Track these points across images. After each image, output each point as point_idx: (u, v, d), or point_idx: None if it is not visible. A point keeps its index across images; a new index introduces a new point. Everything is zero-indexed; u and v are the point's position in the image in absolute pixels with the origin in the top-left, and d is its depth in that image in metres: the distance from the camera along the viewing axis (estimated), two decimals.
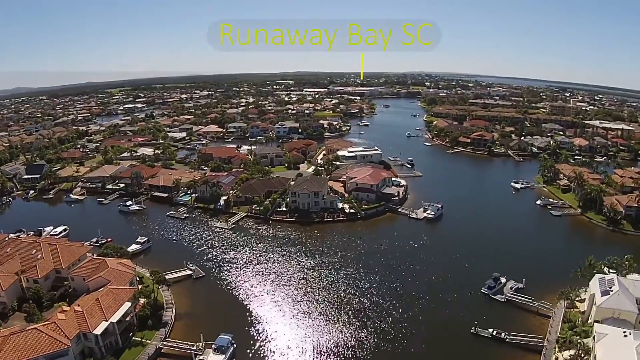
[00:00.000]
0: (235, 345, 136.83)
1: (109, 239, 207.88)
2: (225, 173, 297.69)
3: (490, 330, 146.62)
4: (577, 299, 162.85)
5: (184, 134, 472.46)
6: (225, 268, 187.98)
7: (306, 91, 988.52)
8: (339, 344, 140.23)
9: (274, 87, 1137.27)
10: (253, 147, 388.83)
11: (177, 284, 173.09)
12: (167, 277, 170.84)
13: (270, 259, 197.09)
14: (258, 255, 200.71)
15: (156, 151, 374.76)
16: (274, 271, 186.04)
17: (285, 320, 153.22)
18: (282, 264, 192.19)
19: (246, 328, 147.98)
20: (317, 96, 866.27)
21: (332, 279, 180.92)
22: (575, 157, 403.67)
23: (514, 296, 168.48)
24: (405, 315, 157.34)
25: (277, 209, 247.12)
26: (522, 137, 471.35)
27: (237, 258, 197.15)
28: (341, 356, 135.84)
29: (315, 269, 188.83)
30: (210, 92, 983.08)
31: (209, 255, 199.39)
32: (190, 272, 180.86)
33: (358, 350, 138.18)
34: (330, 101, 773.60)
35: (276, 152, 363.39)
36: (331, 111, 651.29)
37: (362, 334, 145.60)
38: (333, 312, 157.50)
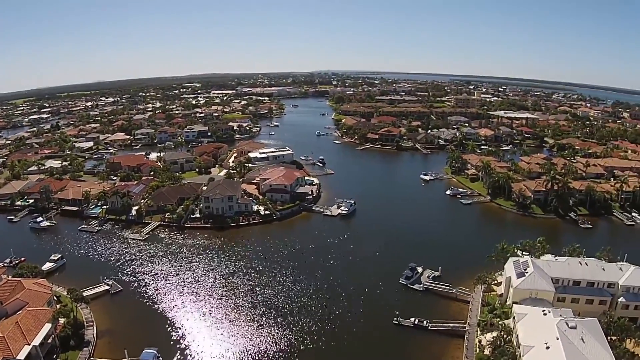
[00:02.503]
0: (160, 358, 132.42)
1: (22, 259, 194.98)
2: (135, 182, 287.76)
3: (412, 319, 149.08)
4: (493, 282, 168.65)
5: (91, 144, 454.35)
6: (143, 281, 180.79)
7: (214, 93, 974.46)
8: (267, 348, 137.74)
9: (181, 90, 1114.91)
10: (162, 153, 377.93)
11: (95, 300, 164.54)
12: (85, 294, 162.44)
13: (189, 268, 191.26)
14: (176, 264, 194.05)
15: (64, 163, 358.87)
16: (194, 280, 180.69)
17: (210, 329, 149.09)
18: (201, 272, 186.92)
19: (171, 340, 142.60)
20: (225, 98, 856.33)
21: (254, 282, 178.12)
22: (482, 147, 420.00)
23: (432, 284, 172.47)
24: (329, 311, 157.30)
25: (191, 215, 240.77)
26: (429, 131, 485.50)
27: (154, 269, 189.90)
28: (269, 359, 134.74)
29: (236, 274, 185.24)
30: (116, 99, 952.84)
31: (125, 269, 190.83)
32: (107, 287, 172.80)
33: (285, 351, 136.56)
34: (239, 103, 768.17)
35: (186, 157, 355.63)
36: (240, 113, 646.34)
37: (288, 334, 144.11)
38: (258, 316, 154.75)
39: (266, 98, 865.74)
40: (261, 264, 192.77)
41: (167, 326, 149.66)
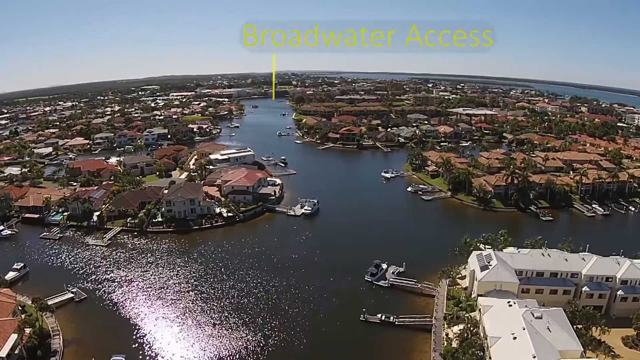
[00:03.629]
0: None
1: None
2: (96, 187, 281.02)
3: (379, 315, 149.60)
4: (458, 276, 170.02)
5: (50, 149, 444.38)
6: (108, 287, 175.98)
7: (173, 95, 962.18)
8: (237, 350, 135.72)
9: (140, 93, 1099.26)
10: (122, 157, 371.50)
11: (60, 309, 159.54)
12: (49, 302, 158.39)
13: (153, 273, 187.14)
14: (140, 270, 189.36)
15: (23, 170, 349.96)
16: (160, 285, 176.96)
17: (178, 334, 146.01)
18: (166, 277, 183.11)
19: (139, 347, 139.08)
20: (184, 100, 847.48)
21: (221, 285, 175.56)
22: (442, 143, 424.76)
23: (397, 280, 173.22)
24: (297, 310, 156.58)
25: (153, 219, 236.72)
26: (389, 129, 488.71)
27: (119, 275, 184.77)
28: None
29: (202, 277, 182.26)
30: (74, 103, 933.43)
31: (89, 276, 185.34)
32: (71, 295, 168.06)
33: (255, 352, 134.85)
34: (198, 104, 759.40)
35: (146, 160, 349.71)
36: (200, 114, 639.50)
37: (258, 336, 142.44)
38: (227, 319, 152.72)
39: (226, 99, 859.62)
40: (227, 267, 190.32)
41: (134, 332, 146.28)
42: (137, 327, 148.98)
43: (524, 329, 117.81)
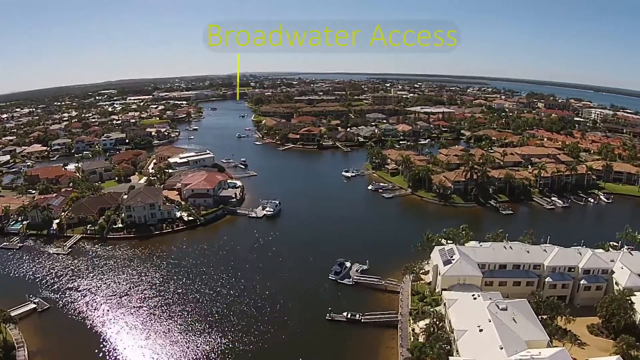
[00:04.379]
0: None
1: None
2: (55, 194, 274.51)
3: (345, 313, 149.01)
4: (421, 271, 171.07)
5: (7, 157, 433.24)
6: (71, 296, 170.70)
7: (130, 99, 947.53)
8: (204, 355, 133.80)
9: (97, 98, 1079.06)
10: (80, 163, 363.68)
11: (23, 320, 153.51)
12: (12, 314, 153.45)
13: (116, 280, 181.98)
14: (103, 277, 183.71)
15: None
16: (124, 292, 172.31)
17: (145, 342, 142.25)
18: (130, 284, 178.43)
19: (105, 355, 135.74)
20: (142, 104, 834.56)
21: (185, 290, 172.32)
22: (401, 142, 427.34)
23: (361, 278, 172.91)
24: (262, 312, 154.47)
25: (113, 226, 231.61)
26: (348, 129, 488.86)
27: (81, 284, 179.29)
28: None
29: (166, 283, 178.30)
30: (31, 109, 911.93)
31: (51, 285, 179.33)
32: (34, 305, 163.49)
33: (223, 356, 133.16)
34: (156, 108, 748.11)
35: (105, 166, 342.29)
36: (158, 118, 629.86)
37: (225, 339, 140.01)
38: (193, 324, 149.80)
39: (184, 102, 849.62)
40: (190, 271, 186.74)
41: (99, 342, 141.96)
42: (103, 336, 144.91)
43: (489, 321, 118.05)
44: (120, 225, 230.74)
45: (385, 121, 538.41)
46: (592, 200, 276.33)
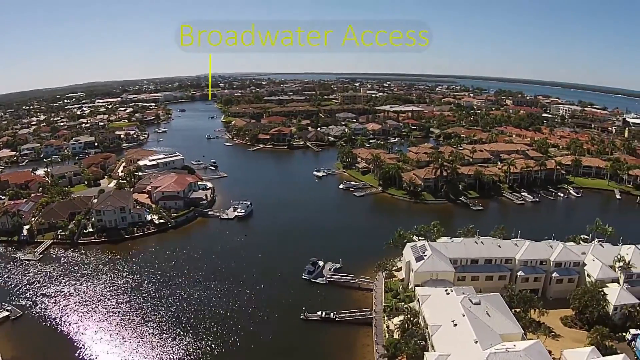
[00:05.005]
0: None
1: None
2: (24, 200, 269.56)
3: (319, 312, 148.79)
4: (394, 268, 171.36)
5: None
6: (44, 303, 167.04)
7: (99, 102, 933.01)
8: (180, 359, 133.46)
9: (65, 101, 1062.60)
10: (49, 167, 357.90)
11: None
12: None
13: (89, 285, 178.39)
14: (76, 283, 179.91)
15: None
16: (97, 298, 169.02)
17: (119, 347, 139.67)
18: (103, 289, 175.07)
19: None
20: (110, 107, 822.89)
21: (159, 294, 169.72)
22: (371, 141, 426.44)
23: (334, 276, 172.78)
24: (237, 314, 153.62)
25: (84, 230, 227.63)
26: (318, 128, 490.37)
27: (54, 290, 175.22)
28: None
29: (139, 287, 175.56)
30: None
31: (24, 292, 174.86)
32: (7, 313, 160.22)
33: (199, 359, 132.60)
34: (124, 110, 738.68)
35: (74, 170, 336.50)
36: (127, 121, 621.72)
37: (200, 342, 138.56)
38: (168, 328, 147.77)
39: (152, 104, 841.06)
40: (163, 275, 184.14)
41: (74, 348, 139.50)
42: (78, 342, 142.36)
43: (463, 316, 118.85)
44: (90, 229, 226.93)
45: (355, 120, 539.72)
46: (562, 195, 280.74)
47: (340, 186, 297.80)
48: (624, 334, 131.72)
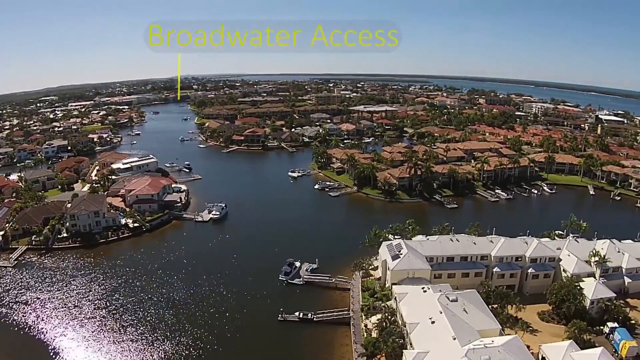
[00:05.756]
0: None
1: None
2: None
3: (297, 313, 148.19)
4: (370, 267, 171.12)
5: None
6: (19, 310, 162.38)
7: (72, 106, 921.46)
8: None
9: (38, 105, 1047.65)
10: (22, 172, 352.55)
11: None
12: None
13: (65, 291, 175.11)
14: (52, 289, 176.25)
15: None
16: (74, 304, 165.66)
17: (96, 353, 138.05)
18: (80, 295, 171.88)
19: None
20: (83, 110, 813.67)
21: (136, 298, 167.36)
22: (345, 141, 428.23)
23: (311, 277, 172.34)
24: (214, 317, 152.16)
25: (58, 235, 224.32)
26: (293, 129, 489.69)
27: (30, 297, 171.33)
28: None
29: (116, 292, 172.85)
30: None
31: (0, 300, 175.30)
32: None
33: None
34: (97, 113, 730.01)
35: (47, 174, 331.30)
36: (100, 124, 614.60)
37: (178, 346, 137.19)
38: (146, 333, 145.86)
39: (126, 107, 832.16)
40: (139, 279, 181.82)
41: (52, 355, 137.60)
42: (55, 349, 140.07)
43: (441, 313, 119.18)
44: (65, 234, 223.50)
45: (329, 121, 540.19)
46: (536, 192, 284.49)
47: (316, 186, 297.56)
48: (601, 327, 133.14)
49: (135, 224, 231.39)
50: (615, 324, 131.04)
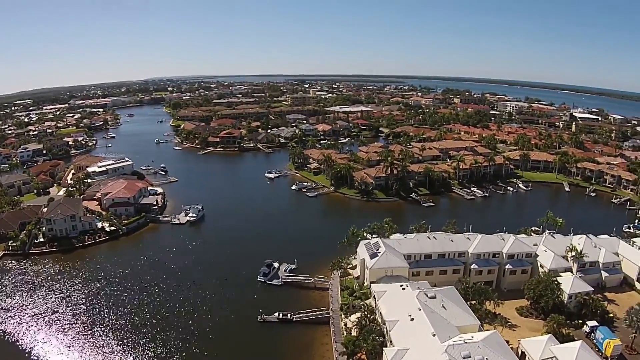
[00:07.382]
0: None
1: None
2: None
3: (276, 314, 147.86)
4: (349, 266, 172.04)
5: None
6: None
7: (46, 109, 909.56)
8: None
9: (12, 109, 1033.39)
10: None
11: None
12: None
13: (44, 297, 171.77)
14: (30, 296, 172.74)
15: None
16: (53, 310, 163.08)
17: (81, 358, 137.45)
18: (58, 300, 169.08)
19: None
20: (58, 113, 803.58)
21: (115, 303, 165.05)
22: (321, 141, 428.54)
23: (290, 277, 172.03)
24: (193, 319, 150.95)
25: (35, 240, 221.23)
26: (269, 130, 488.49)
27: (8, 304, 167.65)
28: None
29: (95, 296, 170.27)
30: None
31: None
32: None
33: None
34: (72, 117, 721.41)
35: (23, 178, 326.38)
36: (75, 127, 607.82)
37: (160, 350, 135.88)
38: (126, 338, 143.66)
39: (100, 109, 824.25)
40: (118, 283, 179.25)
41: None
42: (35, 357, 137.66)
43: (420, 310, 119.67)
44: (42, 239, 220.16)
45: (305, 121, 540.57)
46: (512, 189, 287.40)
47: (293, 187, 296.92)
48: (579, 321, 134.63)
49: (112, 228, 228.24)
50: (595, 322, 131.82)
